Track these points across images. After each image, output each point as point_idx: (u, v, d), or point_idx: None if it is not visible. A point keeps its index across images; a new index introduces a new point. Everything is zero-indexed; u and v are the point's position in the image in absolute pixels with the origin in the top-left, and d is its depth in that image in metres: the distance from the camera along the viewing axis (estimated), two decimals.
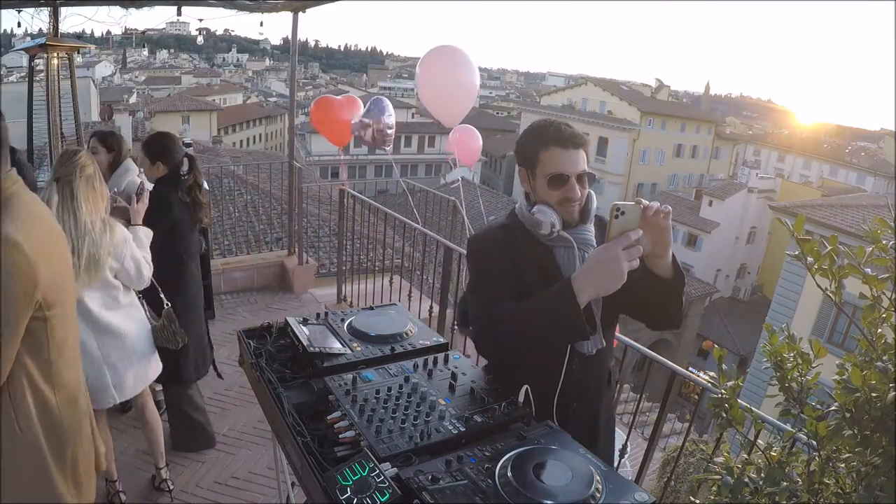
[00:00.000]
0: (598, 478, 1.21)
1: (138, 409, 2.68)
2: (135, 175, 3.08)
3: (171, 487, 2.81)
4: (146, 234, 2.55)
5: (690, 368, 2.38)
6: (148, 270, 2.46)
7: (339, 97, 5.63)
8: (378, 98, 5.34)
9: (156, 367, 2.58)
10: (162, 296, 2.68)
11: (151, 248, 2.56)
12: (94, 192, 2.18)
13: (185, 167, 2.88)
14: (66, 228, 2.07)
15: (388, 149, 5.36)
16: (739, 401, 1.35)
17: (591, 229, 1.62)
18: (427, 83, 4.36)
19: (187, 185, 2.87)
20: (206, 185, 3.17)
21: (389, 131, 5.13)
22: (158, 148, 2.81)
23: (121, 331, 2.39)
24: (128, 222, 2.51)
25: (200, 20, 4.59)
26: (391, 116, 5.15)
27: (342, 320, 1.91)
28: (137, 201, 2.55)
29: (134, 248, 2.39)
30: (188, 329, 2.81)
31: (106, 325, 2.33)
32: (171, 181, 2.84)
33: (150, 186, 2.80)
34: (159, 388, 3.16)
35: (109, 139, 3.08)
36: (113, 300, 2.36)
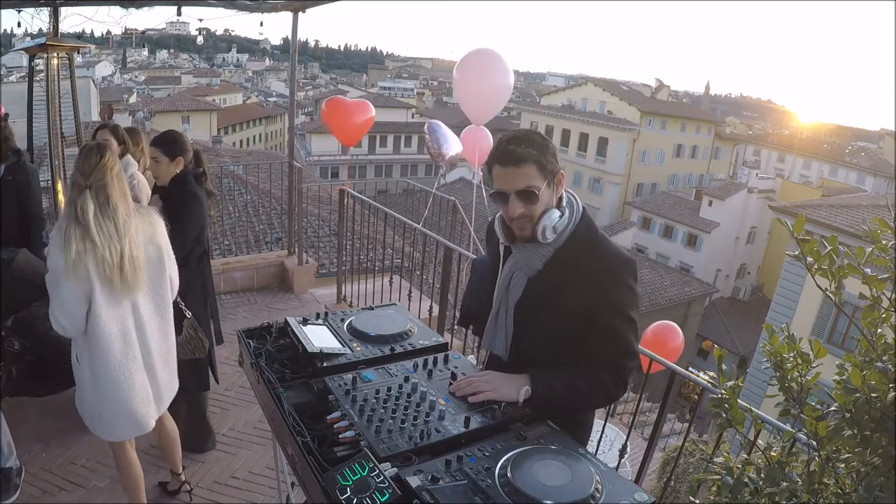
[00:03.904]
0: (597, 478, 1.21)
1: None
2: (135, 170, 3.13)
3: (191, 488, 2.80)
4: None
5: (690, 368, 2.37)
6: (176, 276, 2.34)
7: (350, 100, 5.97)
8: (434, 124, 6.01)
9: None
10: (183, 306, 2.58)
11: (182, 248, 2.48)
12: (124, 187, 2.09)
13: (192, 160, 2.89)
14: (107, 235, 1.98)
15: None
16: (739, 401, 1.35)
17: (540, 251, 1.57)
18: (463, 84, 4.73)
19: (206, 177, 2.85)
20: None
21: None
22: (176, 144, 2.76)
23: (170, 339, 2.28)
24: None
25: (200, 20, 4.59)
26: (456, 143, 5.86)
27: (342, 320, 1.91)
28: None
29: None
30: (208, 332, 2.81)
31: (157, 332, 2.22)
32: (192, 175, 2.82)
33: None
34: None
35: (119, 132, 3.16)
36: (164, 306, 2.24)
